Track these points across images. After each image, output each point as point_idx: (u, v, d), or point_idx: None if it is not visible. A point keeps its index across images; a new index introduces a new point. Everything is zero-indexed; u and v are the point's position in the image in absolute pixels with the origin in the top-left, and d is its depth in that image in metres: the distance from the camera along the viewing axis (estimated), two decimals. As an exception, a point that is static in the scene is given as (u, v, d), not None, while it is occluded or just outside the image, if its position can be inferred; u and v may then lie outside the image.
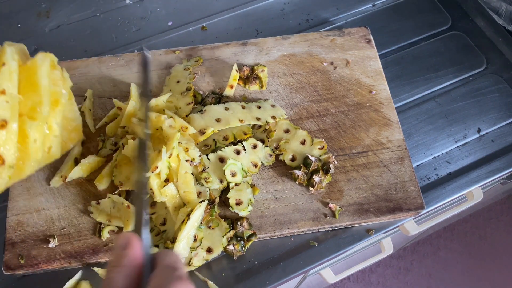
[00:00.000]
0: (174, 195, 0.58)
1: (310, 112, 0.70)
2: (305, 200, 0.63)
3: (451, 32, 0.84)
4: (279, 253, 0.62)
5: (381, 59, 0.78)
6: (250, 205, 0.61)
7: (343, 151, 0.66)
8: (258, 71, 0.71)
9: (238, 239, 0.59)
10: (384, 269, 1.62)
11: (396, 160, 0.66)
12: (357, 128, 0.68)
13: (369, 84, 0.72)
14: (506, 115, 0.75)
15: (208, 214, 0.58)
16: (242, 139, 0.64)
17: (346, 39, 0.76)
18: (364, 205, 0.63)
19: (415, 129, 0.73)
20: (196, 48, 0.75)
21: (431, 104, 0.76)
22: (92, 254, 0.59)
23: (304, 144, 0.65)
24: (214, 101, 0.68)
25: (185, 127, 0.61)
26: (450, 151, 0.72)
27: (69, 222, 0.61)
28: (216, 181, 0.62)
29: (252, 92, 0.71)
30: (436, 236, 1.67)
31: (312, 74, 0.73)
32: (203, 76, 0.72)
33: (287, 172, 0.65)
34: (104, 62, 0.73)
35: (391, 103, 0.71)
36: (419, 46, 0.82)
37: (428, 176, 0.69)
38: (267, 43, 0.76)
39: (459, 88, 0.78)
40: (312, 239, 0.63)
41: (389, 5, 0.88)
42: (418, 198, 0.63)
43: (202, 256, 0.58)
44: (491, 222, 1.71)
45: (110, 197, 0.61)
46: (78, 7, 0.85)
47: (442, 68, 0.80)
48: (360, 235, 0.63)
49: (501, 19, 0.84)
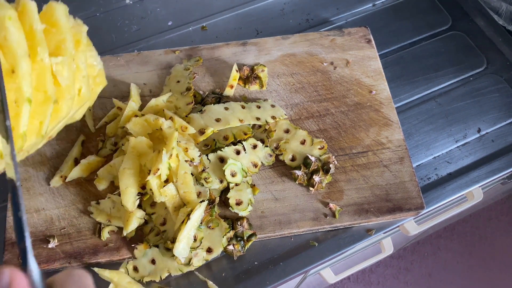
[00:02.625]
0: (174, 195, 0.58)
1: (310, 112, 0.70)
2: (305, 200, 0.63)
3: (451, 32, 0.84)
4: (279, 253, 0.62)
5: (381, 59, 0.78)
6: (250, 205, 0.61)
7: (343, 151, 0.66)
8: (258, 71, 0.71)
9: (238, 239, 0.59)
10: (384, 269, 1.62)
11: (396, 160, 0.66)
12: (357, 128, 0.68)
13: (369, 84, 0.72)
14: (506, 115, 0.75)
15: (208, 214, 0.58)
16: (242, 139, 0.64)
17: (346, 39, 0.76)
18: (364, 205, 0.63)
19: (415, 129, 0.73)
20: (196, 48, 0.75)
21: (431, 104, 0.76)
22: (92, 254, 0.59)
23: (304, 144, 0.65)
24: (214, 101, 0.68)
25: (184, 127, 0.61)
26: (450, 151, 0.72)
27: (69, 222, 0.61)
28: (216, 181, 0.62)
29: (252, 92, 0.71)
30: (436, 236, 1.67)
31: (312, 74, 0.73)
32: (203, 76, 0.72)
33: (287, 172, 0.65)
34: (104, 62, 0.72)
35: (391, 103, 0.71)
36: (419, 46, 0.82)
37: (428, 176, 0.69)
38: (267, 43, 0.76)
39: (459, 88, 0.78)
40: (312, 239, 0.63)
41: (389, 5, 0.88)
42: (418, 198, 0.63)
43: (202, 256, 0.58)
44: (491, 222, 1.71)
45: (110, 197, 0.61)
46: (78, 7, 0.85)
47: (442, 68, 0.80)
48: (360, 235, 0.63)
49: (501, 19, 0.84)
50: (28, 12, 0.46)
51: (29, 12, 0.46)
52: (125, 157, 0.60)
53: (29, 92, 0.43)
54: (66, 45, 0.49)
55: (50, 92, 0.46)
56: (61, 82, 0.48)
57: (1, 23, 0.42)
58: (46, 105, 0.46)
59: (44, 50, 0.45)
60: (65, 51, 0.49)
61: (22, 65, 0.43)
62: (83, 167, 0.62)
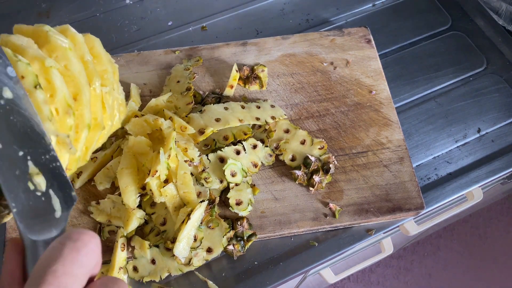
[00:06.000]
0: (174, 195, 0.58)
1: (310, 112, 0.70)
2: (305, 200, 0.63)
3: (451, 32, 0.84)
4: (279, 253, 0.62)
5: (381, 59, 0.78)
6: (250, 205, 0.61)
7: (343, 151, 0.66)
8: (258, 71, 0.71)
9: (238, 239, 0.59)
10: (384, 269, 1.62)
11: (396, 160, 0.66)
12: (357, 128, 0.68)
13: (369, 84, 0.72)
14: (506, 115, 0.75)
15: (208, 214, 0.58)
16: (242, 139, 0.64)
17: (346, 39, 0.76)
18: (364, 205, 0.63)
19: (415, 129, 0.73)
20: (196, 48, 0.75)
21: (431, 104, 0.76)
22: (92, 254, 0.59)
23: (304, 144, 0.65)
24: (214, 101, 0.68)
25: (184, 127, 0.61)
26: (450, 151, 0.72)
27: (69, 222, 0.61)
28: (216, 181, 0.62)
29: (252, 92, 0.71)
30: (436, 236, 1.67)
31: (312, 74, 0.73)
32: (203, 76, 0.72)
33: (287, 172, 0.65)
34: (104, 62, 0.73)
35: (391, 103, 0.71)
36: (419, 46, 0.82)
37: (428, 176, 0.69)
38: (267, 43, 0.76)
39: (459, 88, 0.78)
40: (312, 239, 0.63)
41: (389, 5, 0.88)
42: (418, 198, 0.63)
43: (202, 256, 0.58)
44: (491, 222, 1.71)
45: (110, 197, 0.61)
46: (78, 7, 0.85)
47: (442, 68, 0.80)
48: (360, 235, 0.63)
49: (501, 19, 0.84)
50: (78, 44, 0.49)
51: (79, 44, 0.49)
52: (122, 157, 0.60)
53: (89, 118, 0.46)
54: (108, 75, 0.52)
55: (100, 119, 0.49)
56: (107, 110, 0.51)
57: (63, 53, 0.44)
58: (96, 131, 0.48)
59: (97, 80, 0.48)
60: (107, 81, 0.52)
61: (85, 93, 0.45)
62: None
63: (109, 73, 0.52)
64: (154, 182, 0.57)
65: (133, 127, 0.62)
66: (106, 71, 0.52)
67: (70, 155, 0.43)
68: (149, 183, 0.57)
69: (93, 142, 0.49)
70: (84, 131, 0.45)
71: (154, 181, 0.57)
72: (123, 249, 0.57)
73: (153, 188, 0.57)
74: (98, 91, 0.48)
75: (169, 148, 0.58)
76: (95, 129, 0.48)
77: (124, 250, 0.58)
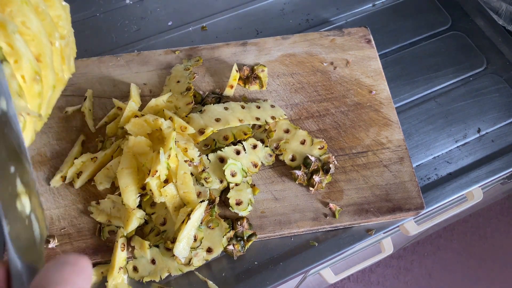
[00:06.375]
0: (174, 195, 0.58)
1: (310, 112, 0.70)
2: (305, 200, 0.63)
3: (451, 32, 0.84)
4: (279, 253, 0.62)
5: (381, 59, 0.78)
6: (250, 205, 0.61)
7: (343, 151, 0.66)
8: (258, 71, 0.71)
9: (238, 239, 0.59)
10: (384, 269, 1.62)
11: (396, 160, 0.66)
12: (357, 128, 0.68)
13: (369, 84, 0.72)
14: (506, 115, 0.75)
15: (208, 214, 0.58)
16: (242, 139, 0.64)
17: (346, 39, 0.76)
18: (364, 205, 0.63)
19: (415, 129, 0.73)
20: (196, 48, 0.75)
21: (431, 104, 0.76)
22: (92, 254, 0.59)
23: (304, 144, 0.65)
24: (214, 101, 0.68)
25: (184, 127, 0.61)
26: (450, 151, 0.72)
27: (69, 222, 0.61)
28: (216, 181, 0.62)
29: (252, 92, 0.71)
30: (436, 236, 1.67)
31: (312, 74, 0.73)
32: (203, 76, 0.72)
33: (287, 172, 0.65)
34: (104, 62, 0.73)
35: (391, 103, 0.71)
36: (419, 46, 0.82)
37: (428, 176, 0.69)
38: (267, 43, 0.76)
39: (459, 88, 0.78)
40: (312, 239, 0.63)
41: (389, 5, 0.88)
42: (418, 198, 0.63)
43: (202, 256, 0.58)
44: (491, 222, 1.71)
45: (110, 197, 0.61)
46: (78, 7, 0.85)
47: (442, 68, 0.80)
48: (360, 235, 0.63)
49: (501, 19, 0.84)
50: None
51: None
52: (122, 157, 0.60)
53: (54, 79, 0.45)
54: (63, 22, 0.50)
55: (61, 75, 0.48)
56: (66, 62, 0.49)
57: (19, 7, 0.41)
58: (60, 88, 0.48)
59: (56, 33, 0.46)
60: (63, 28, 0.49)
61: (47, 53, 0.43)
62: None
63: (63, 19, 0.48)
64: (154, 182, 0.57)
65: (133, 127, 0.62)
66: (60, 17, 0.48)
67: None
68: (149, 183, 0.57)
69: (55, 99, 0.46)
70: (48, 93, 0.43)
71: (154, 181, 0.57)
72: (123, 249, 0.57)
73: (153, 188, 0.57)
74: (58, 45, 0.45)
75: (169, 148, 0.58)
76: (59, 86, 0.46)
77: (124, 250, 0.58)
